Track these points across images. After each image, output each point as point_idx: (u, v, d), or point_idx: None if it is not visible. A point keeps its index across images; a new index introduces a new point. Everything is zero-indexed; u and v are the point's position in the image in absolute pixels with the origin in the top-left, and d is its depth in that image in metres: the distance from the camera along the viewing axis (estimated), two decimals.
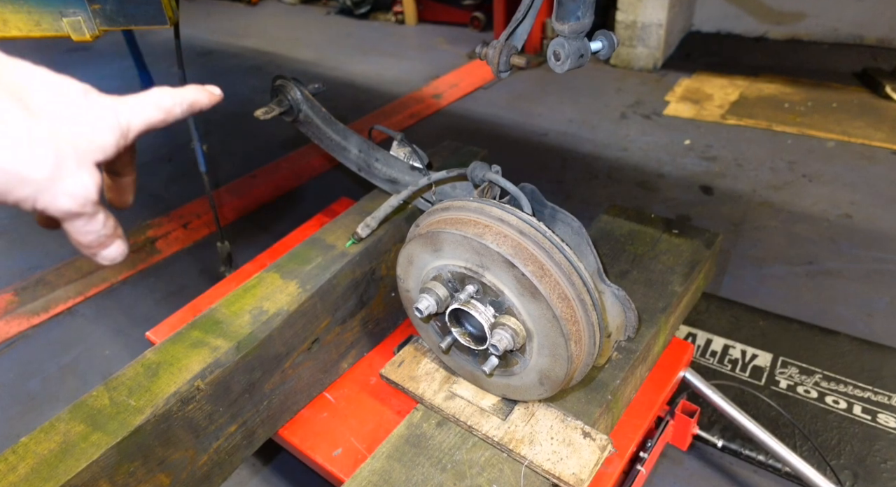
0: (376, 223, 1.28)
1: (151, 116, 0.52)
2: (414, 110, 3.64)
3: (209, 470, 1.08)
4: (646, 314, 1.19)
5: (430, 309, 0.91)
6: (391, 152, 1.42)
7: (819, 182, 2.68)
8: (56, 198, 0.45)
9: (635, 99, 3.58)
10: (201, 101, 0.58)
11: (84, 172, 0.46)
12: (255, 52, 4.86)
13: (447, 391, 1.10)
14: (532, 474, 0.97)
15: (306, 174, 3.02)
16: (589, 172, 2.90)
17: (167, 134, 3.61)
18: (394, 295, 1.37)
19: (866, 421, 1.61)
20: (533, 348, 0.90)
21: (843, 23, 3.99)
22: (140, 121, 0.51)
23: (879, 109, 3.21)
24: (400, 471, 0.97)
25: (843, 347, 1.83)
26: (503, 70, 0.99)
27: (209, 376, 1.02)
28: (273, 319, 1.12)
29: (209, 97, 0.59)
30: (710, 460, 1.57)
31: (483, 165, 1.09)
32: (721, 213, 2.52)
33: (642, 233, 1.40)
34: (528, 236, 0.86)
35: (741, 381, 1.76)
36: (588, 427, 1.00)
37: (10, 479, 0.87)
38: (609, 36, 0.90)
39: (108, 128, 0.48)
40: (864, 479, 1.47)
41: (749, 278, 2.16)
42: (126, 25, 1.27)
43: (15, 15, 1.19)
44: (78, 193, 0.45)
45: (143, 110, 0.52)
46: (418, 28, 5.16)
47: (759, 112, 3.28)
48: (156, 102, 0.53)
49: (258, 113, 1.39)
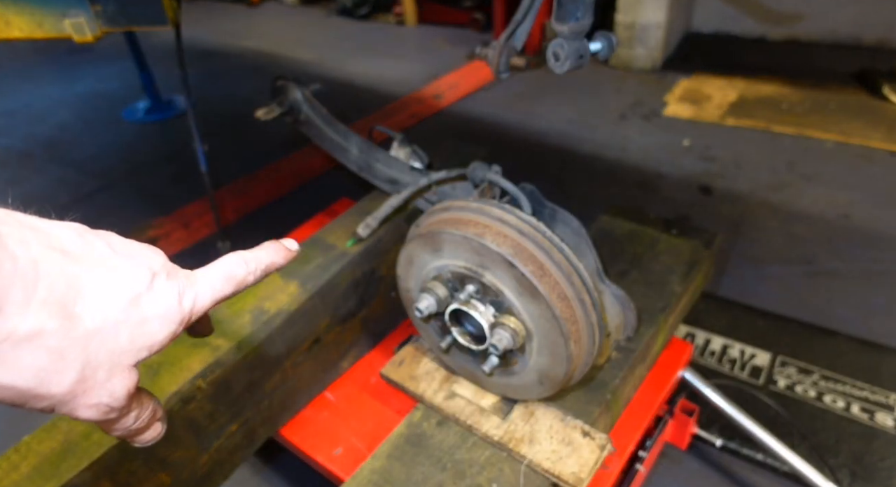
0: (377, 223, 1.29)
1: (221, 292, 0.47)
2: (414, 111, 3.64)
3: (210, 469, 1.09)
4: (645, 313, 1.19)
5: (430, 308, 0.92)
6: (391, 152, 1.43)
7: (817, 182, 2.68)
8: (76, 410, 0.40)
9: (634, 99, 3.59)
10: (277, 264, 0.53)
11: (115, 380, 0.41)
12: (255, 53, 4.87)
13: (447, 390, 1.11)
14: (532, 473, 0.97)
15: (307, 174, 3.03)
16: (588, 172, 2.90)
17: (167, 134, 3.62)
18: (394, 295, 1.37)
19: (864, 421, 1.62)
20: (532, 348, 0.90)
21: (841, 24, 3.99)
22: (207, 301, 0.46)
23: (877, 110, 3.21)
24: (400, 470, 0.98)
25: (841, 347, 1.84)
26: (503, 71, 1.00)
27: (210, 375, 1.02)
28: (274, 319, 1.12)
29: (286, 256, 0.54)
30: (709, 459, 1.57)
31: (483, 165, 1.10)
32: (720, 213, 2.53)
33: (642, 234, 1.41)
34: (527, 236, 0.86)
35: (740, 381, 1.76)
36: (587, 426, 1.01)
37: (13, 478, 0.87)
38: (608, 37, 0.90)
39: (164, 325, 0.43)
40: (861, 478, 1.48)
41: (748, 278, 2.16)
42: (127, 26, 1.28)
43: (18, 16, 1.19)
44: (102, 404, 0.41)
45: (213, 288, 0.47)
46: (418, 29, 5.16)
47: (757, 112, 3.29)
48: (227, 275, 0.48)
49: (259, 113, 1.40)
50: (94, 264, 0.40)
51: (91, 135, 3.66)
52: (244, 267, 0.49)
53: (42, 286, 0.37)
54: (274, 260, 0.52)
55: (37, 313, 0.36)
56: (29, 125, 3.83)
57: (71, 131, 3.71)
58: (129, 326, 0.41)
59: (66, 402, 0.39)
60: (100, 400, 0.40)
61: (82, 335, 0.38)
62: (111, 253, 0.42)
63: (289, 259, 0.54)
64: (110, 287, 0.40)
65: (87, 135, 3.66)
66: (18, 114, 4.01)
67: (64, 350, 0.38)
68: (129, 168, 3.27)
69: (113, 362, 0.40)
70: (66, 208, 2.90)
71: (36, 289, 0.36)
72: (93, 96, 4.20)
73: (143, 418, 0.46)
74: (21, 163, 3.40)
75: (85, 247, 0.41)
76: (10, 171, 3.32)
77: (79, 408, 0.40)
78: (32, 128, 3.79)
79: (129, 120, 3.78)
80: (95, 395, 0.40)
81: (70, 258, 0.39)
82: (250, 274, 0.49)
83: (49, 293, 0.37)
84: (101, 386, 0.40)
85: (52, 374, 0.38)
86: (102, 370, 0.40)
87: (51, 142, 3.60)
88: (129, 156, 3.39)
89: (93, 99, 4.16)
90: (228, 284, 0.48)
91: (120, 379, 0.41)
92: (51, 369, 0.37)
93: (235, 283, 0.48)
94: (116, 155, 3.41)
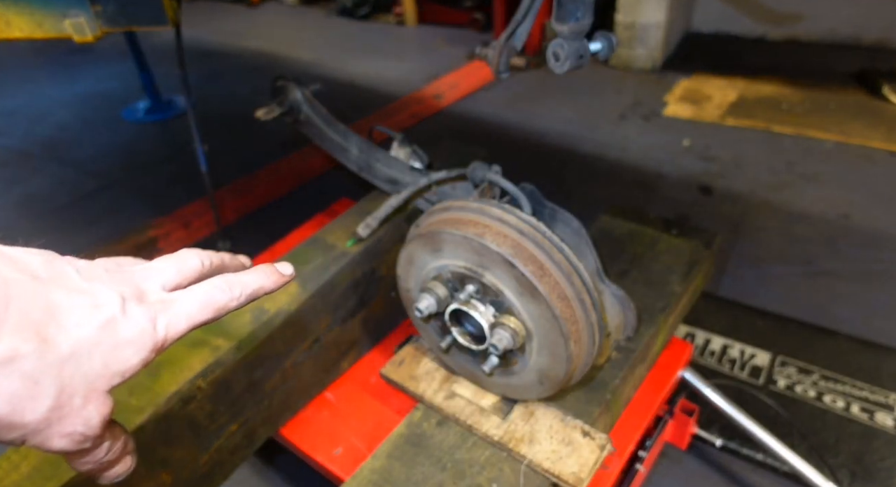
0: (377, 223, 1.29)
1: (198, 319, 0.45)
2: (414, 111, 3.64)
3: (210, 469, 1.09)
4: (645, 313, 1.19)
5: (430, 308, 0.92)
6: (391, 152, 1.43)
7: (817, 182, 2.68)
8: (48, 440, 0.38)
9: (634, 99, 3.59)
10: (266, 289, 0.50)
11: (90, 406, 0.39)
12: (255, 53, 4.87)
13: (447, 390, 1.11)
14: (532, 473, 0.97)
15: (307, 174, 3.03)
16: (588, 172, 2.91)
17: (167, 134, 3.62)
18: (394, 294, 1.37)
19: (864, 420, 1.62)
20: (532, 348, 0.90)
21: (841, 24, 3.99)
22: (182, 327, 0.44)
23: (877, 110, 3.22)
24: (400, 470, 0.98)
25: (841, 347, 1.84)
26: (503, 71, 1.00)
27: (210, 375, 1.02)
28: (274, 319, 1.12)
29: (276, 281, 0.51)
30: (709, 459, 1.57)
31: (483, 165, 1.10)
32: (720, 213, 2.53)
33: (641, 233, 1.41)
34: (527, 236, 0.86)
35: (740, 380, 1.76)
36: (587, 426, 1.01)
37: (13, 478, 0.87)
38: (608, 37, 0.90)
39: (137, 351, 0.41)
40: (861, 478, 1.48)
41: (748, 278, 2.16)
42: (127, 26, 1.28)
43: (18, 16, 1.20)
44: (77, 432, 0.39)
45: (188, 315, 0.44)
46: (418, 29, 5.16)
47: (757, 112, 3.29)
48: (206, 301, 0.45)
49: (259, 113, 1.40)
50: (65, 288, 0.39)
51: (91, 135, 3.66)
52: (227, 294, 0.47)
53: (14, 309, 0.36)
54: (263, 284, 0.50)
55: (10, 336, 0.35)
56: (29, 125, 3.83)
57: (71, 131, 3.71)
58: (103, 351, 0.39)
59: (39, 431, 0.37)
60: (74, 428, 0.38)
61: (56, 359, 0.37)
62: (80, 279, 0.41)
63: (280, 284, 0.52)
64: (83, 311, 0.39)
65: (86, 135, 3.66)
66: (18, 114, 4.01)
67: (38, 375, 0.36)
68: (129, 168, 3.27)
69: (88, 388, 0.39)
70: (66, 208, 2.91)
71: (8, 312, 0.35)
72: (93, 96, 4.20)
73: (115, 449, 0.43)
74: (21, 163, 3.40)
75: (54, 272, 0.40)
76: (10, 171, 3.32)
77: (52, 438, 0.38)
78: (32, 128, 3.79)
79: (129, 120, 3.78)
80: (70, 423, 0.38)
81: (40, 282, 0.38)
82: (233, 301, 0.47)
83: (22, 316, 0.36)
84: (77, 414, 0.38)
85: (26, 401, 0.36)
86: (78, 396, 0.38)
87: (51, 141, 3.60)
88: (128, 156, 3.40)
89: (93, 99, 4.16)
90: (206, 311, 0.45)
91: (95, 406, 0.39)
92: (25, 395, 0.36)
93: (214, 310, 0.46)
94: (116, 155, 3.41)
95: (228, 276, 0.48)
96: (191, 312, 0.45)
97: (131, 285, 0.43)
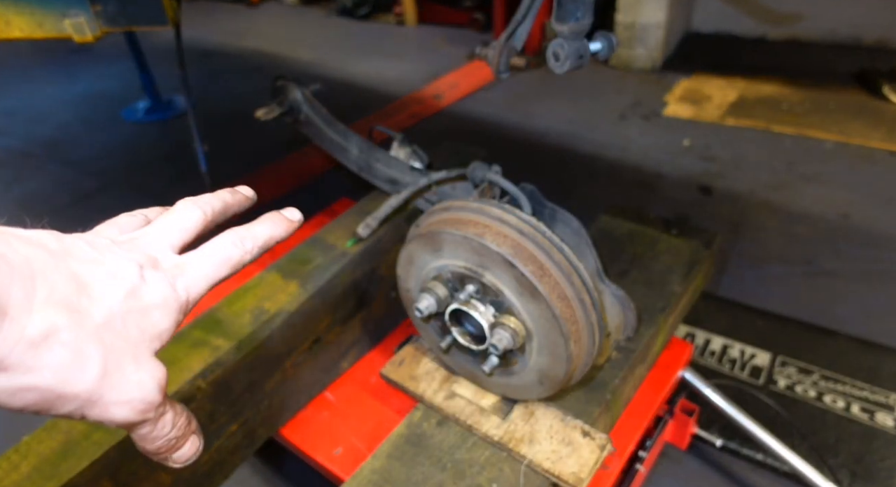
0: (377, 223, 1.29)
1: (215, 277, 0.45)
2: (414, 111, 3.64)
3: (210, 469, 1.09)
4: (645, 313, 1.19)
5: (430, 308, 0.92)
6: (391, 152, 1.43)
7: (817, 182, 2.68)
8: (108, 410, 0.37)
9: (634, 99, 3.59)
10: (277, 237, 0.50)
11: (142, 371, 0.39)
12: (255, 53, 4.87)
13: (447, 390, 1.11)
14: (532, 473, 0.97)
15: (306, 174, 3.03)
16: (588, 172, 2.91)
17: (167, 134, 3.62)
18: (394, 295, 1.37)
19: (864, 421, 1.62)
20: (532, 348, 0.90)
21: (841, 24, 3.99)
22: (202, 287, 0.44)
23: (877, 110, 3.22)
24: (400, 470, 0.98)
25: (841, 347, 1.84)
26: (503, 71, 1.00)
27: (210, 375, 1.02)
28: (274, 319, 1.12)
29: (287, 228, 0.51)
30: (709, 459, 1.57)
31: (483, 165, 1.09)
32: (720, 213, 2.53)
33: (641, 234, 1.41)
34: (527, 236, 0.86)
35: (740, 380, 1.76)
36: (587, 426, 1.01)
37: (13, 478, 0.87)
38: (608, 37, 0.90)
39: (165, 313, 0.41)
40: (861, 478, 1.48)
41: (748, 278, 2.16)
42: (127, 26, 1.28)
43: (18, 16, 1.20)
44: (135, 399, 0.38)
45: (205, 275, 0.45)
46: (418, 29, 5.16)
47: (757, 112, 3.29)
48: (220, 259, 0.46)
49: (259, 113, 1.40)
50: (82, 260, 0.39)
51: (91, 135, 3.66)
52: (240, 248, 0.47)
53: (41, 284, 0.35)
54: (273, 233, 0.50)
55: (42, 311, 0.35)
56: (29, 125, 3.83)
57: (71, 131, 3.71)
58: (135, 317, 0.39)
59: (94, 402, 0.37)
60: (131, 395, 0.38)
61: (94, 328, 0.37)
62: (94, 251, 0.40)
63: (290, 231, 0.51)
64: (105, 281, 0.39)
65: (86, 135, 3.66)
66: (18, 114, 4.01)
67: (80, 344, 0.36)
68: (129, 168, 3.27)
69: (134, 352, 0.38)
70: (66, 208, 2.91)
71: (35, 287, 0.35)
72: (93, 96, 4.20)
73: (180, 424, 0.43)
74: (21, 162, 3.40)
75: (67, 247, 0.39)
76: (11, 171, 3.32)
77: (110, 407, 0.37)
78: (32, 128, 3.79)
79: (128, 120, 3.78)
80: (125, 390, 0.37)
81: (58, 257, 0.38)
82: (247, 254, 0.47)
83: (49, 290, 0.36)
84: (129, 379, 0.38)
85: (74, 371, 0.35)
86: (126, 361, 0.38)
87: (51, 141, 3.60)
88: (129, 156, 3.40)
89: (93, 99, 4.16)
90: (222, 268, 0.46)
91: (147, 370, 0.39)
92: (71, 365, 0.35)
93: (230, 266, 0.46)
94: (116, 155, 3.41)
95: (239, 230, 0.48)
96: (207, 273, 0.45)
97: (142, 253, 0.43)
